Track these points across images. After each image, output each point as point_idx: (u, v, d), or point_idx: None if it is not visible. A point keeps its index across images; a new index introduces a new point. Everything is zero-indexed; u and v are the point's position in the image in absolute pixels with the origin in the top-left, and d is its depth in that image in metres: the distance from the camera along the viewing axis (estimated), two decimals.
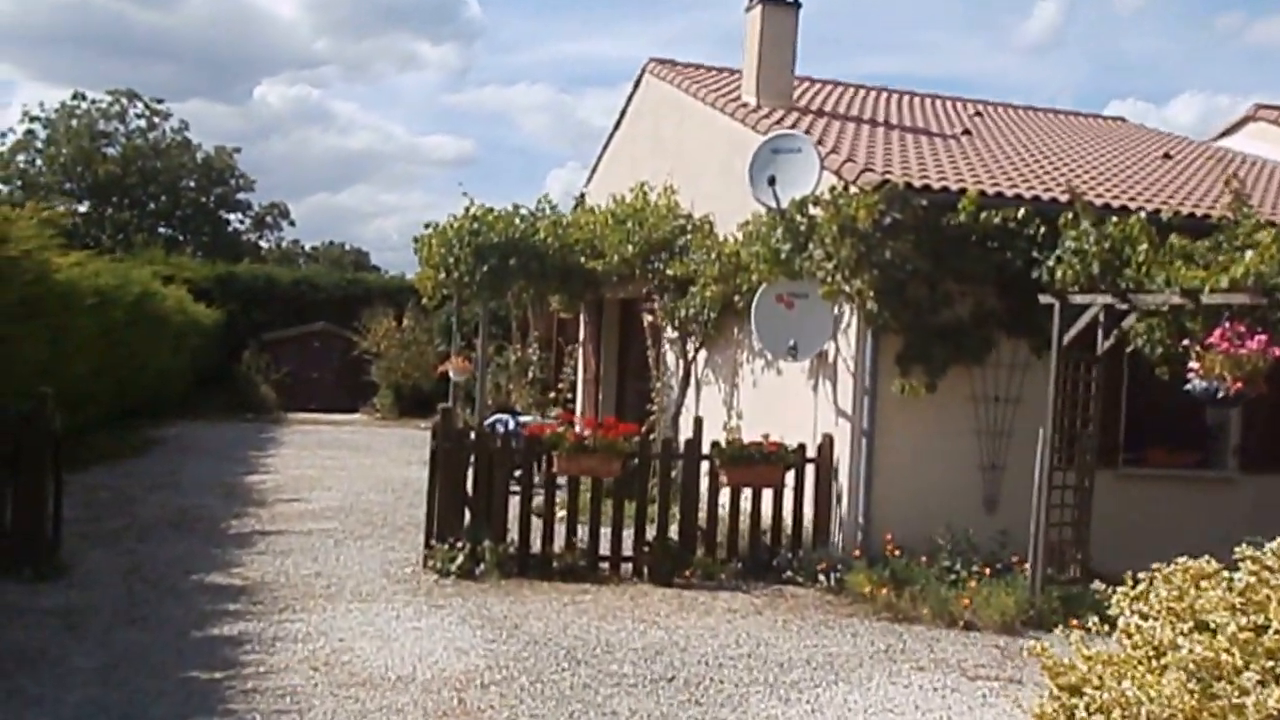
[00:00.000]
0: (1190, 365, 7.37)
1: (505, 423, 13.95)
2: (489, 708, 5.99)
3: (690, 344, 12.63)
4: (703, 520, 9.50)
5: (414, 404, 23.85)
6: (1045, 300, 8.70)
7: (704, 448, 9.56)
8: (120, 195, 42.30)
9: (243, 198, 46.49)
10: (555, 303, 16.18)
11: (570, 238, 14.34)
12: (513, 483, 9.65)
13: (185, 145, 44.04)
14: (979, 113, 15.08)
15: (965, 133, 12.94)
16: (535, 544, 9.25)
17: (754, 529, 9.65)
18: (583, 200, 17.26)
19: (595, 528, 9.36)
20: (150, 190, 42.88)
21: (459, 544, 9.06)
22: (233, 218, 46.75)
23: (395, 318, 24.47)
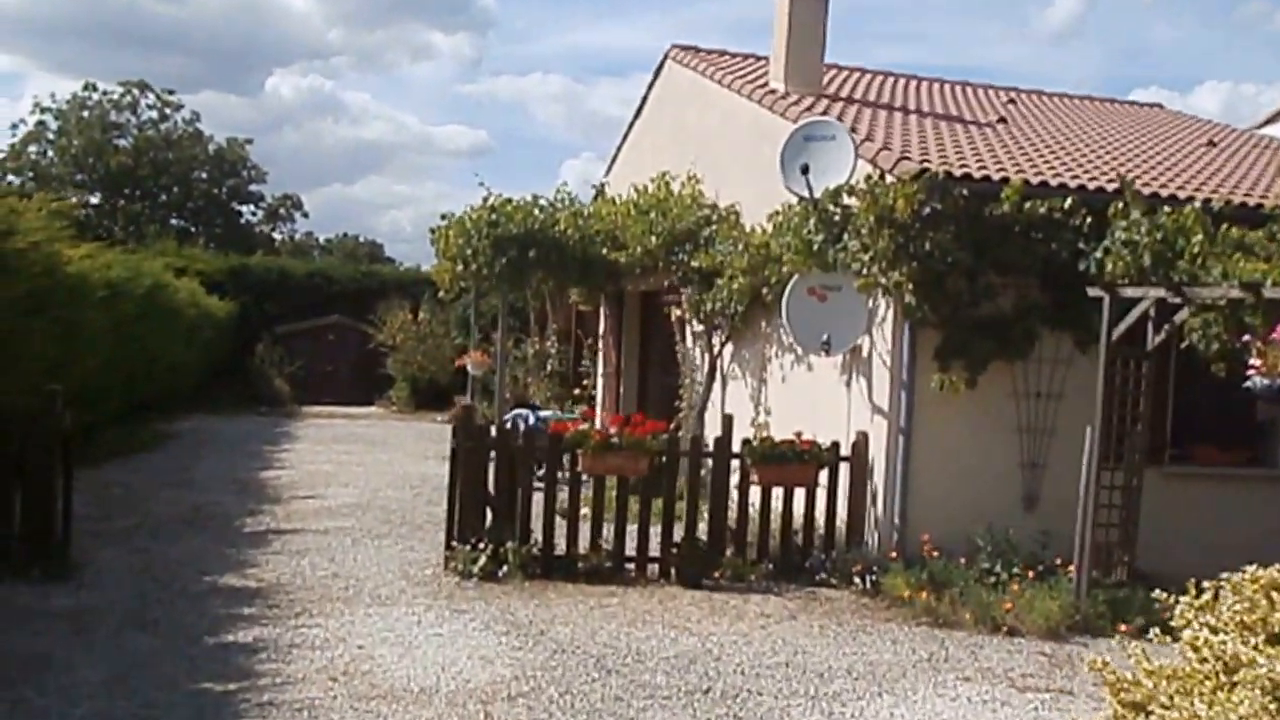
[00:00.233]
0: (1251, 362, 7.02)
1: (525, 418, 13.66)
2: None
3: (716, 338, 12.28)
4: (732, 520, 9.20)
5: (430, 397, 23.63)
6: (1094, 293, 8.34)
7: (734, 445, 9.24)
8: (132, 187, 42.05)
9: (255, 189, 46.22)
10: (574, 295, 15.84)
11: (591, 229, 14.01)
12: (534, 480, 9.33)
13: (197, 137, 43.68)
14: (1012, 100, 14.66)
15: (1000, 120, 12.54)
16: (559, 545, 8.95)
17: (785, 529, 9.32)
18: (602, 191, 16.89)
19: (621, 528, 9.04)
20: (162, 182, 42.58)
21: (481, 545, 8.75)
22: (245, 210, 46.48)
23: (411, 310, 24.22)
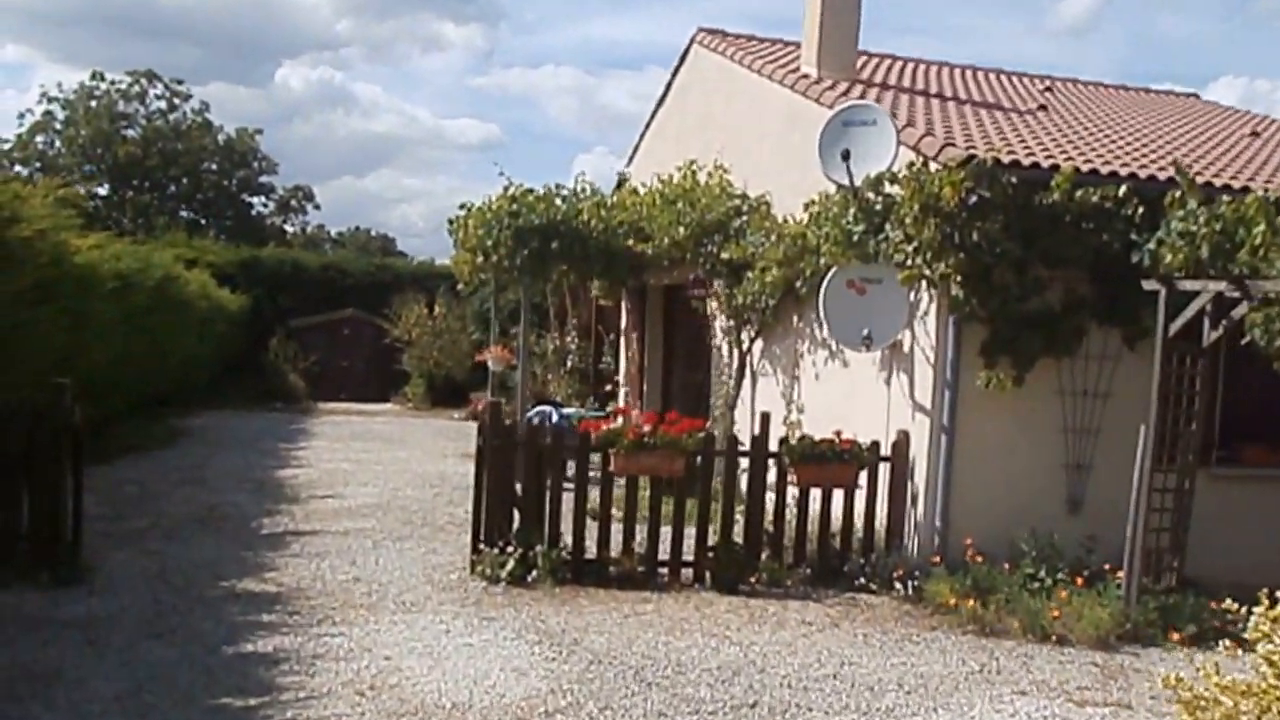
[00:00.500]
0: None
1: (548, 415, 13.32)
2: None
3: (745, 333, 11.90)
4: (767, 523, 8.85)
5: (446, 393, 23.26)
6: (1149, 287, 7.95)
7: (771, 444, 8.88)
8: (140, 178, 41.64)
9: (266, 181, 45.76)
10: (596, 288, 15.46)
11: (614, 220, 13.63)
12: (564, 481, 8.98)
13: (206, 127, 43.21)
14: (1049, 88, 14.23)
15: (1041, 108, 12.14)
16: (589, 548, 8.60)
17: (823, 532, 8.96)
18: (623, 181, 16.51)
19: (655, 531, 8.69)
20: (171, 173, 42.13)
21: (509, 548, 8.41)
22: (256, 201, 46.02)
23: (426, 304, 23.83)
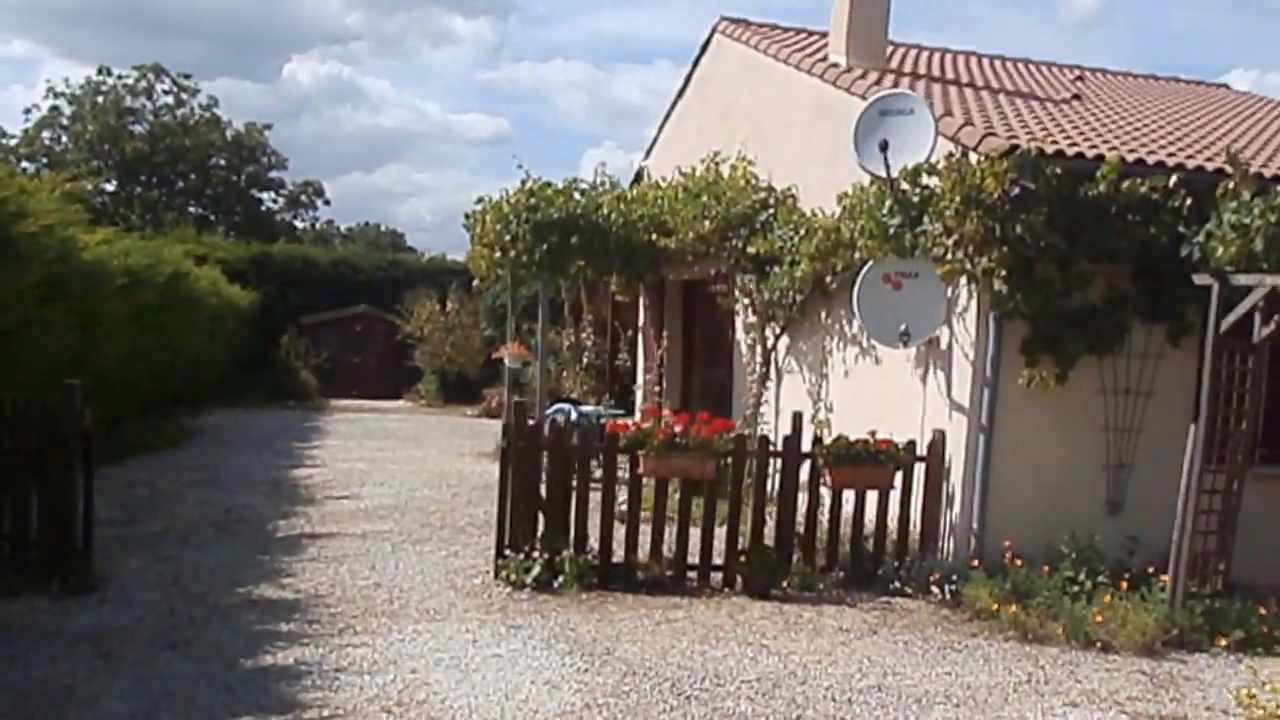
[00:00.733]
0: None
1: (566, 413, 13.03)
2: None
3: (770, 329, 11.60)
4: (799, 525, 8.56)
5: (459, 390, 23.04)
6: (1201, 281, 7.65)
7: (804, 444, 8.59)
8: (148, 174, 41.23)
9: (275, 176, 45.36)
10: (615, 284, 15.17)
11: (635, 213, 13.33)
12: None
13: (214, 122, 42.68)
14: (1080, 77, 13.88)
15: (1075, 97, 11.80)
16: (617, 552, 8.32)
17: (856, 535, 8.67)
18: (641, 174, 16.20)
19: (684, 534, 8.40)
20: (179, 168, 41.68)
21: (534, 553, 8.12)
22: (265, 197, 45.62)
23: (439, 300, 23.57)
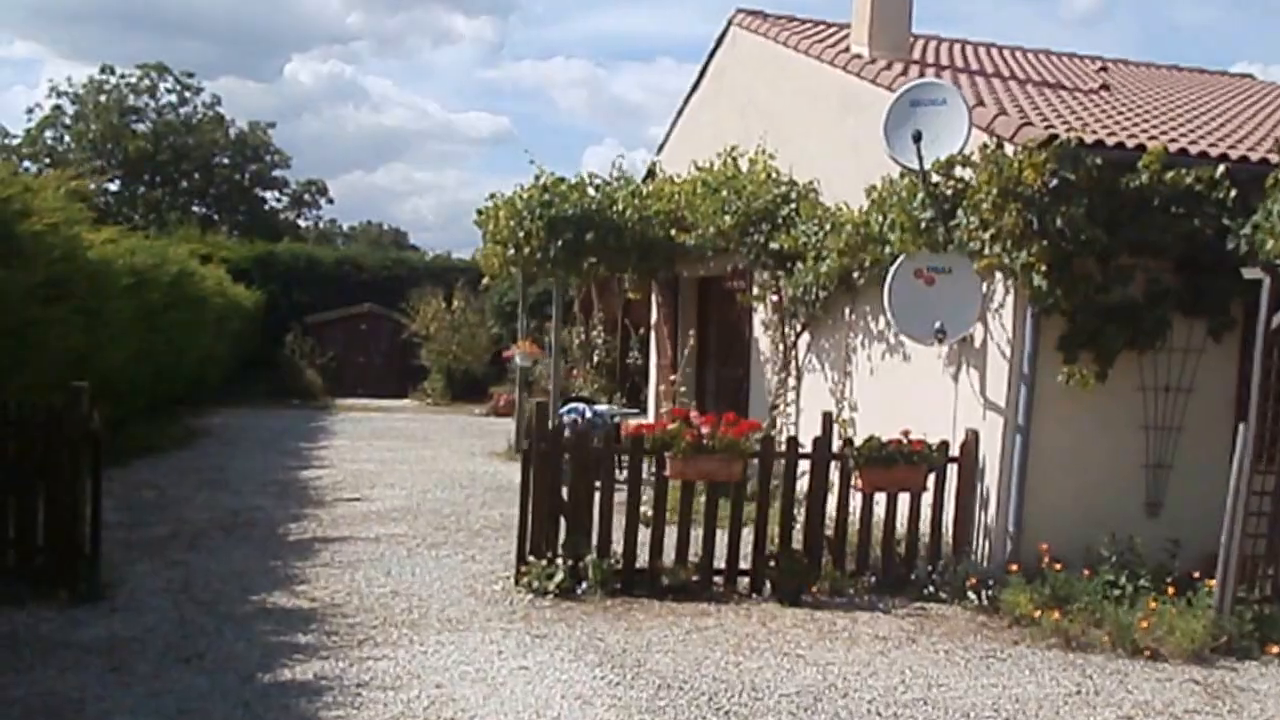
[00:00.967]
0: None
1: (580, 412, 12.76)
2: None
3: (791, 326, 11.31)
4: (828, 528, 8.29)
5: (465, 388, 22.82)
6: (1250, 275, 7.36)
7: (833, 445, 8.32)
8: (152, 172, 41.04)
9: (279, 175, 45.16)
10: (629, 281, 14.88)
11: (650, 209, 13.04)
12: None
13: (218, 121, 42.50)
14: (1104, 68, 13.60)
15: (1104, 87, 11.52)
16: (641, 557, 8.04)
17: (888, 538, 8.39)
18: (654, 170, 15.91)
19: (710, 538, 8.12)
20: (183, 167, 41.52)
21: (556, 559, 7.85)
22: (269, 196, 45.43)
23: (445, 298, 23.33)
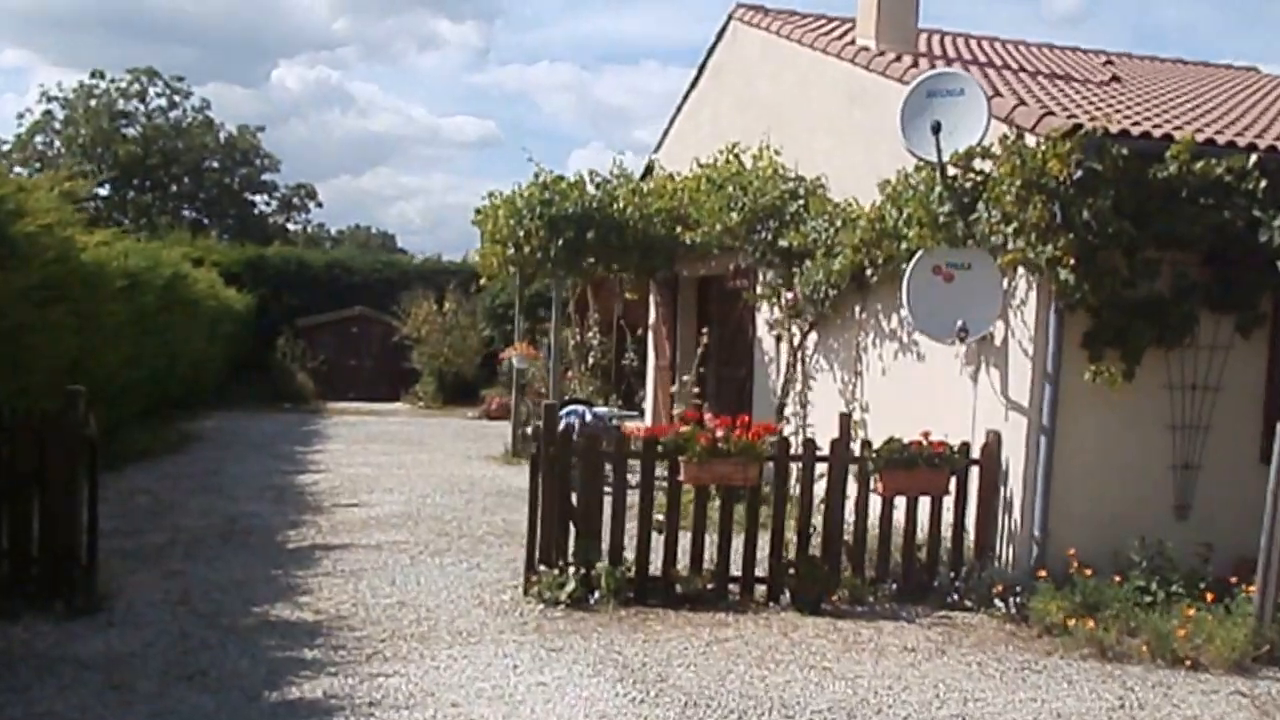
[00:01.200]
0: None
1: (580, 414, 12.48)
2: None
3: (798, 325, 11.07)
4: (847, 534, 8.04)
5: (457, 391, 22.59)
6: None
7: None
8: (142, 177, 40.73)
9: (268, 179, 44.92)
10: (629, 280, 14.63)
11: (651, 207, 12.80)
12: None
13: (208, 125, 42.33)
14: (1110, 61, 13.39)
15: (1114, 79, 11.31)
16: (653, 565, 7.78)
17: (909, 544, 8.14)
18: (651, 168, 15.66)
19: (726, 545, 7.87)
20: (173, 172, 41.26)
21: (567, 567, 7.58)
22: (259, 200, 45.19)
23: (435, 301, 23.08)
